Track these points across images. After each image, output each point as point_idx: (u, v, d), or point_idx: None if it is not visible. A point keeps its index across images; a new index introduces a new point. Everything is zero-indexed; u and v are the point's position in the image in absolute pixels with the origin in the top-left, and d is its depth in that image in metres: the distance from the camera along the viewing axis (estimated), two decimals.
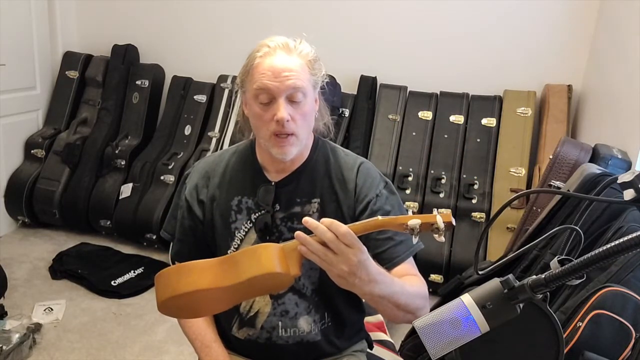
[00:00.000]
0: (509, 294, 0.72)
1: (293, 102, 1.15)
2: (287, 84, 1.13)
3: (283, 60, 1.14)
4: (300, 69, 1.15)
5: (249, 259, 0.94)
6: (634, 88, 2.26)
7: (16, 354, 2.13)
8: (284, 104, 1.13)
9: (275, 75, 1.12)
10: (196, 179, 1.31)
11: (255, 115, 1.18)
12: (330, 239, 0.92)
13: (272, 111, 1.14)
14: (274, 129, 1.15)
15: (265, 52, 1.15)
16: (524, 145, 2.94)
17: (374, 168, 1.29)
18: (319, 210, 1.24)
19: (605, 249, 0.66)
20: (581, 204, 1.65)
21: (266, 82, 1.13)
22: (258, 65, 1.15)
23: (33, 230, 3.36)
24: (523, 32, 3.08)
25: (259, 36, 1.22)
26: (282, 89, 1.13)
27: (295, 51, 1.17)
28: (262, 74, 1.13)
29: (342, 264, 0.94)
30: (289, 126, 1.14)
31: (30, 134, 3.43)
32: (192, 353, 1.33)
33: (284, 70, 1.13)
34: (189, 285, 0.93)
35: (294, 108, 1.15)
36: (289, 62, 1.14)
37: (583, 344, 1.38)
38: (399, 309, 1.07)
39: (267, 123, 1.15)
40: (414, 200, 2.91)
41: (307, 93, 1.17)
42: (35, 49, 3.41)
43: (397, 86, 3.19)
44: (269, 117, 1.15)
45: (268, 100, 1.14)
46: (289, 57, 1.15)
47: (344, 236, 0.93)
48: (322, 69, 1.22)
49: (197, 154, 3.28)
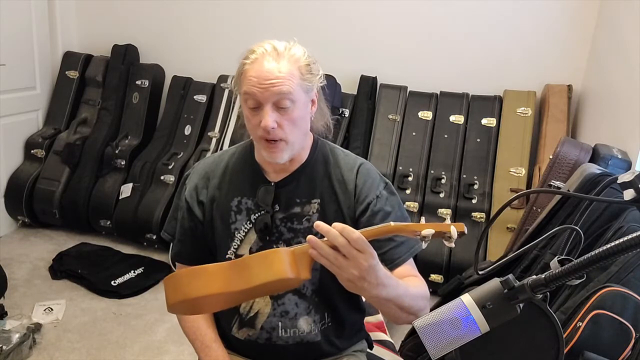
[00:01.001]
0: (509, 294, 0.72)
1: (280, 109, 1.14)
2: (272, 91, 1.12)
3: (270, 66, 1.12)
4: (288, 75, 1.13)
5: (260, 264, 0.94)
6: (634, 88, 2.26)
7: (16, 354, 2.13)
8: (269, 112, 1.13)
9: (260, 82, 1.12)
10: (196, 179, 1.31)
11: (246, 118, 1.19)
12: (342, 244, 0.92)
13: (259, 117, 1.14)
14: (261, 134, 1.15)
15: (254, 59, 1.14)
16: (524, 145, 2.94)
17: (373, 169, 1.29)
18: (318, 210, 1.24)
19: (605, 249, 0.66)
20: (581, 204, 1.65)
21: (251, 89, 1.13)
22: (247, 70, 1.14)
23: (33, 230, 3.36)
24: (523, 32, 3.09)
25: (259, 36, 1.22)
26: (267, 96, 1.12)
27: (285, 56, 1.14)
28: (249, 80, 1.13)
29: (352, 268, 0.93)
30: (275, 133, 1.14)
31: (30, 134, 3.43)
32: (192, 353, 1.33)
33: (270, 77, 1.12)
34: (200, 290, 0.94)
35: (281, 114, 1.14)
36: (276, 69, 1.12)
37: (583, 344, 1.38)
38: (403, 310, 1.07)
39: (255, 128, 1.16)
40: (414, 200, 2.91)
41: (295, 99, 1.15)
42: (35, 49, 3.41)
43: (397, 86, 3.19)
44: (256, 123, 1.15)
45: (255, 105, 1.15)
46: (276, 63, 1.13)
47: (355, 242, 0.92)
48: (318, 72, 1.20)
49: (197, 154, 3.28)
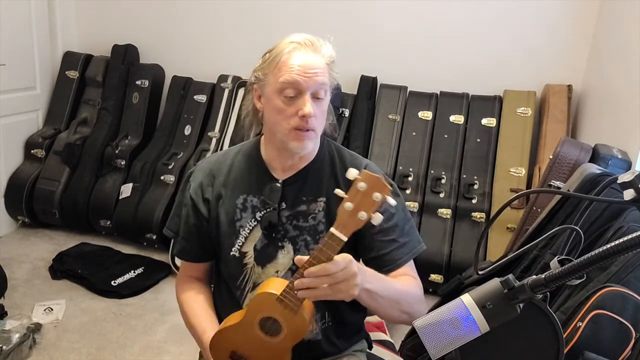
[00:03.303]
0: (509, 294, 0.72)
1: (316, 99, 1.18)
2: (315, 80, 1.15)
3: (311, 57, 1.17)
4: (324, 67, 1.18)
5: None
6: (634, 88, 2.26)
7: (16, 354, 2.13)
8: (310, 100, 1.16)
9: (305, 71, 1.15)
10: (201, 177, 1.32)
11: (276, 108, 1.18)
12: (325, 282, 1.01)
13: (296, 106, 1.16)
14: (296, 124, 1.16)
15: (294, 47, 1.17)
16: (524, 145, 2.94)
17: (378, 170, 1.30)
18: (324, 209, 1.25)
19: (605, 249, 0.66)
20: (581, 204, 1.65)
21: (295, 77, 1.14)
22: (287, 59, 1.16)
23: (33, 230, 3.36)
24: (523, 32, 3.09)
25: (259, 36, 1.23)
26: (310, 84, 1.15)
27: (320, 50, 1.19)
28: (291, 69, 1.15)
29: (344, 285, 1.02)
30: (312, 122, 1.17)
31: (30, 134, 3.43)
32: (192, 353, 1.34)
33: (313, 67, 1.16)
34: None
35: (316, 105, 1.18)
36: (317, 60, 1.17)
37: (583, 344, 1.38)
38: (393, 307, 1.14)
39: (289, 117, 1.17)
40: (414, 200, 2.91)
41: (327, 91, 1.20)
42: (35, 49, 3.41)
43: (397, 86, 3.19)
44: (292, 112, 1.16)
45: (294, 94, 1.16)
46: (316, 54, 1.18)
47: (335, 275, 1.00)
48: (336, 71, 1.24)
49: (197, 154, 3.28)
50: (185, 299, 1.36)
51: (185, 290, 1.37)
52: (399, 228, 1.25)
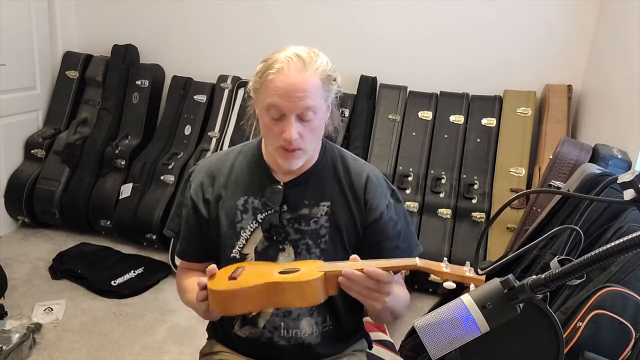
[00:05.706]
0: (509, 294, 0.72)
1: (303, 120, 1.15)
2: (298, 105, 1.12)
3: (296, 78, 1.11)
4: (313, 88, 1.12)
5: (294, 291, 1.06)
6: (634, 88, 2.26)
7: (16, 354, 2.13)
8: (293, 123, 1.13)
9: (288, 95, 1.11)
10: (201, 177, 1.31)
11: (265, 125, 1.18)
12: (371, 286, 1.03)
13: (281, 127, 1.14)
14: (282, 143, 1.15)
15: (279, 68, 1.12)
16: (524, 145, 2.94)
17: (381, 176, 1.31)
18: (328, 213, 1.24)
19: (605, 249, 0.66)
20: (581, 204, 1.65)
21: (278, 101, 1.12)
22: (272, 80, 1.12)
23: (33, 230, 3.36)
24: (523, 31, 3.09)
25: (259, 36, 1.22)
26: (293, 109, 1.12)
27: (311, 67, 1.13)
28: (275, 91, 1.12)
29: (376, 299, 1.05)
30: (297, 143, 1.15)
31: (30, 134, 3.43)
32: (192, 353, 1.34)
33: (297, 90, 1.11)
34: (236, 309, 1.12)
35: (303, 125, 1.15)
36: (303, 81, 1.11)
37: (583, 344, 1.38)
38: (392, 316, 1.20)
39: (276, 136, 1.16)
40: (414, 200, 2.91)
41: (317, 110, 1.15)
42: (35, 49, 3.41)
43: (397, 86, 3.19)
44: (277, 132, 1.15)
45: (278, 116, 1.14)
46: (302, 75, 1.12)
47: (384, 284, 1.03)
48: (337, 79, 1.20)
49: (197, 154, 3.28)
50: (188, 281, 1.31)
51: (189, 276, 1.33)
52: (401, 235, 1.28)
